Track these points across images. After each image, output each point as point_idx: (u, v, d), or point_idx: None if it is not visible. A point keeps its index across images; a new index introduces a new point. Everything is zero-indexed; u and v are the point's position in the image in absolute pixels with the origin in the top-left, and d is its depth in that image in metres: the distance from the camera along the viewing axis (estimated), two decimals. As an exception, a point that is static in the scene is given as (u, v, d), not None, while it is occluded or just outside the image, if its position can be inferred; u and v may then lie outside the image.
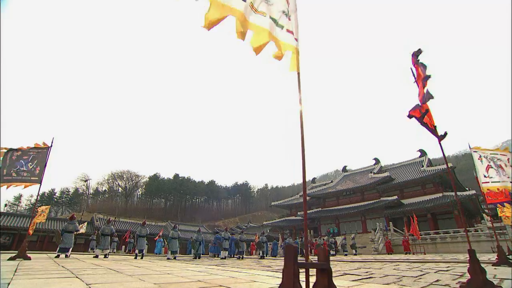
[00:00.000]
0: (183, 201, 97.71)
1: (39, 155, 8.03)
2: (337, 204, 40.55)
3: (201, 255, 12.85)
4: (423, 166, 35.59)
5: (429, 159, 38.34)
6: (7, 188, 7.43)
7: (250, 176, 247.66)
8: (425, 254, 21.92)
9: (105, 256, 9.92)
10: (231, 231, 57.56)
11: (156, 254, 19.43)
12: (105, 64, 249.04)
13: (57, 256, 8.94)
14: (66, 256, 9.12)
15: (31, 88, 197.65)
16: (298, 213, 42.96)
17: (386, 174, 36.16)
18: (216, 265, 8.01)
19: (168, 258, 11.42)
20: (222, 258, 13.36)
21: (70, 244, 9.23)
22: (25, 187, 7.73)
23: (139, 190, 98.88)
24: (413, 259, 11.68)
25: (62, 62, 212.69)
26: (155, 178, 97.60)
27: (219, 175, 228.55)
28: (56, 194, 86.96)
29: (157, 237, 26.93)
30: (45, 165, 8.05)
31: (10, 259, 7.04)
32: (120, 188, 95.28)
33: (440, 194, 31.17)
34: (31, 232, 16.59)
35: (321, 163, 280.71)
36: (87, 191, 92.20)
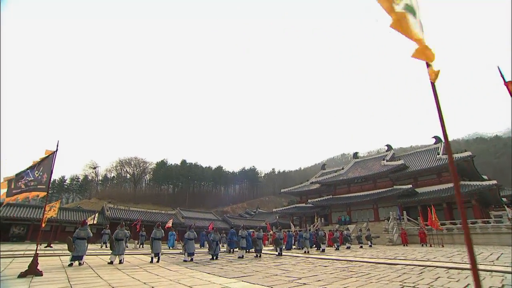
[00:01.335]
0: (191, 187, 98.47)
1: (45, 162, 7.40)
2: (348, 192, 39.93)
3: (218, 255, 12.36)
4: (438, 154, 34.41)
5: (444, 146, 37.06)
6: (13, 200, 6.90)
7: (257, 161, 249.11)
8: (443, 246, 21.24)
9: (120, 262, 9.49)
10: (240, 217, 57.81)
11: (170, 247, 19.17)
12: (113, 51, 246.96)
13: (70, 265, 8.50)
14: (80, 264, 8.69)
15: (39, 79, 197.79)
16: (309, 200, 42.49)
17: (400, 162, 35.10)
18: (241, 278, 7.39)
19: (185, 260, 11.01)
20: (239, 257, 12.95)
21: (83, 251, 8.76)
22: (31, 197, 7.16)
23: (147, 176, 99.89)
24: (444, 262, 10.92)
25: (70, 52, 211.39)
26: (162, 164, 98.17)
27: (226, 160, 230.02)
28: (66, 181, 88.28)
29: (167, 225, 26.86)
30: (52, 172, 7.44)
31: (20, 276, 6.48)
32: (128, 175, 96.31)
33: (457, 183, 30.11)
34: (43, 225, 16.46)
35: (328, 147, 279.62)
36: (96, 178, 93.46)
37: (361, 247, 21.58)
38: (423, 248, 19.91)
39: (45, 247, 18.15)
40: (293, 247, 20.63)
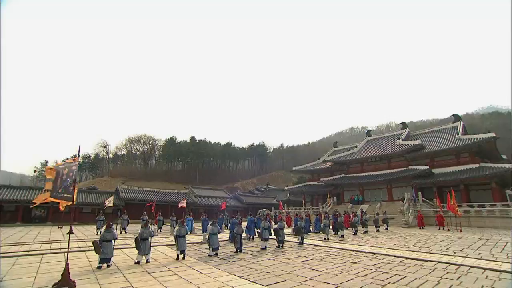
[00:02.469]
0: (200, 163, 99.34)
1: (73, 168, 7.25)
2: (361, 171, 39.52)
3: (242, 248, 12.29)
4: (458, 134, 33.17)
5: (464, 125, 35.69)
6: (38, 202, 7.06)
7: (266, 136, 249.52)
8: (461, 231, 20.92)
9: (147, 261, 9.45)
10: (251, 195, 58.44)
11: (188, 233, 19.36)
12: (120, 29, 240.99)
13: (99, 267, 8.47)
14: (108, 266, 8.66)
15: (53, 65, 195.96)
16: (321, 178, 42.33)
17: (417, 142, 34.06)
18: (276, 285, 7.17)
19: (209, 255, 10.95)
20: (262, 248, 12.91)
21: (110, 253, 8.71)
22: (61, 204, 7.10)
23: (156, 153, 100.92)
24: (475, 258, 10.55)
25: (81, 35, 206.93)
26: (171, 141, 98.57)
27: (235, 136, 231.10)
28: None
29: (181, 205, 27.16)
30: (75, 180, 7.31)
31: (54, 288, 6.35)
32: (138, 152, 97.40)
33: (477, 165, 29.25)
34: (62, 208, 16.75)
35: (336, 120, 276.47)
36: (107, 156, 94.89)
37: (378, 230, 21.54)
38: (442, 233, 19.63)
39: (67, 233, 18.49)
40: (311, 229, 20.49)
